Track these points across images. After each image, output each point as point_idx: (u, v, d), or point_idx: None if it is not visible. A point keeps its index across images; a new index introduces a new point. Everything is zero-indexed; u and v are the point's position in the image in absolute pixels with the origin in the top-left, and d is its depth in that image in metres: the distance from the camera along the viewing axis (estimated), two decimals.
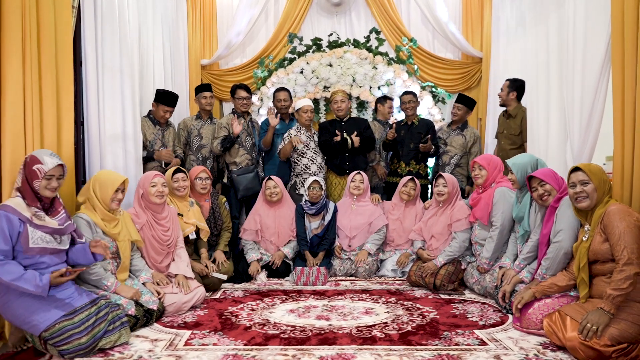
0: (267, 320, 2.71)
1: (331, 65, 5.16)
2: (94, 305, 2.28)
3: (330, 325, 2.61)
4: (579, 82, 3.12)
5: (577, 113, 3.15)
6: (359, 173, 4.00)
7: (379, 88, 5.13)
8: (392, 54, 5.37)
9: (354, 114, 5.24)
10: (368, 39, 5.32)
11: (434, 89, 5.37)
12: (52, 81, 2.55)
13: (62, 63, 2.63)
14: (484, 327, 2.59)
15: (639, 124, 2.40)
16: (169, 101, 3.94)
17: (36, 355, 2.23)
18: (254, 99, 5.20)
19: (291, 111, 4.55)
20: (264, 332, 2.52)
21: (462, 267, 3.40)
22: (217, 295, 3.28)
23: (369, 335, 2.45)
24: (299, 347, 2.31)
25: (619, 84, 2.53)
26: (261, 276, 3.69)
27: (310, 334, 2.48)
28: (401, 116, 4.74)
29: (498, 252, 3.15)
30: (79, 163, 3.17)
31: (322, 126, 4.40)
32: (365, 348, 2.29)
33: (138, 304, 2.59)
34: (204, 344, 2.36)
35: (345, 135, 4.19)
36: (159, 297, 2.74)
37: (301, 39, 5.36)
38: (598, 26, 2.92)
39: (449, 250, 3.40)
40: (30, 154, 2.27)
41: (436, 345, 2.33)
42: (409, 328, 2.56)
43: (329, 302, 3.07)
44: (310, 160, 4.26)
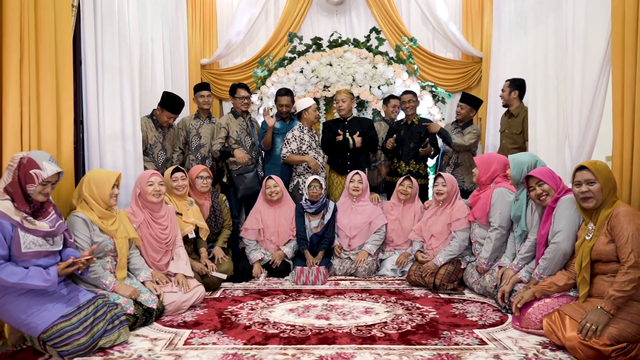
0: (267, 319, 2.71)
1: (331, 65, 5.16)
2: (91, 304, 2.28)
3: (330, 324, 2.62)
4: (579, 81, 3.11)
5: (576, 113, 3.15)
6: (357, 173, 4.00)
7: (379, 87, 5.13)
8: (392, 54, 5.36)
9: (354, 113, 5.23)
10: (368, 38, 5.32)
11: (434, 89, 5.37)
12: (52, 80, 2.54)
13: (61, 62, 2.63)
14: (483, 326, 2.60)
15: (639, 123, 2.41)
16: (174, 108, 3.89)
17: (35, 354, 2.22)
18: (254, 98, 5.20)
19: (291, 111, 4.55)
20: (264, 331, 2.52)
21: (462, 266, 3.40)
22: (217, 294, 3.28)
23: (369, 335, 2.45)
24: (298, 346, 2.31)
25: (618, 83, 2.53)
26: (260, 277, 3.70)
27: (310, 333, 2.48)
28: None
29: (497, 252, 3.15)
30: (78, 162, 3.17)
31: (325, 125, 4.42)
32: (365, 347, 2.29)
33: (137, 303, 2.59)
34: (203, 343, 2.36)
35: (347, 135, 4.20)
36: (157, 295, 2.73)
37: (301, 39, 5.36)
38: (598, 26, 2.91)
39: (448, 250, 3.40)
40: (26, 156, 2.18)
41: (436, 344, 2.33)
42: (409, 327, 2.56)
43: (328, 301, 3.07)
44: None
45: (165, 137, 4.03)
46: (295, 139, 4.15)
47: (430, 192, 4.41)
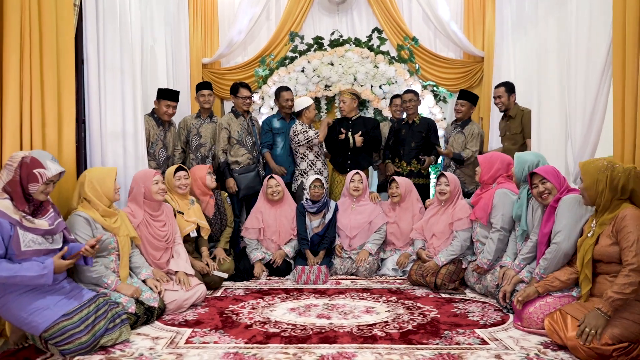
0: (268, 318, 2.71)
1: (332, 64, 5.16)
2: (93, 302, 2.28)
3: (331, 324, 2.62)
4: (581, 81, 3.10)
5: (579, 113, 3.14)
6: (357, 173, 3.99)
7: (380, 87, 5.13)
8: (394, 53, 5.36)
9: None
10: (370, 37, 5.31)
11: (435, 88, 5.37)
12: (54, 79, 2.55)
13: (63, 61, 2.63)
14: (484, 326, 2.59)
15: None
16: (170, 95, 3.94)
17: (37, 352, 2.23)
18: (255, 97, 5.20)
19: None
20: (265, 330, 2.52)
21: (463, 266, 3.40)
22: (218, 293, 3.28)
23: (370, 334, 2.45)
24: (299, 345, 2.31)
25: (619, 84, 2.52)
26: (261, 276, 3.70)
27: (311, 332, 2.48)
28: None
29: (499, 253, 3.13)
30: (80, 161, 3.18)
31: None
32: (366, 347, 2.29)
33: (139, 301, 2.59)
34: (204, 342, 2.37)
35: (349, 134, 4.20)
36: (158, 292, 2.73)
37: (302, 38, 5.36)
38: (600, 26, 2.90)
39: (450, 250, 3.40)
40: (29, 155, 2.18)
41: (437, 344, 2.33)
42: (410, 327, 2.56)
43: (329, 300, 3.07)
44: (316, 157, 4.30)
45: (166, 135, 4.04)
46: (306, 130, 4.22)
47: (431, 192, 4.42)
